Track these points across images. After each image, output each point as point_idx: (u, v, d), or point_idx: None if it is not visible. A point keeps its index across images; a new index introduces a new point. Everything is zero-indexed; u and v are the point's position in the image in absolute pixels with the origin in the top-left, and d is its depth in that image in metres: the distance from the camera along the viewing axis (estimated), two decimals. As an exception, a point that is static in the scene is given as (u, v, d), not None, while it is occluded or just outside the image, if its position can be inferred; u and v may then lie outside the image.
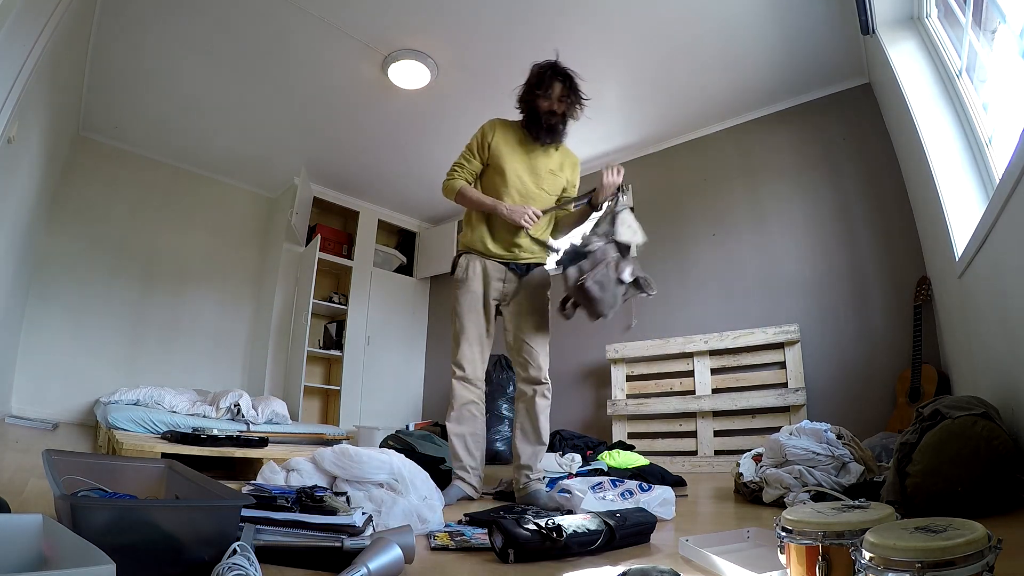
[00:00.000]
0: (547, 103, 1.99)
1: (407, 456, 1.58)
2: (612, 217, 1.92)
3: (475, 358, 2.07)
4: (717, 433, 3.25)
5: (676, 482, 2.28)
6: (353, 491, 1.36)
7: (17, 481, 1.60)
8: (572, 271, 1.88)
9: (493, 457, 3.58)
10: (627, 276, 1.86)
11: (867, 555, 0.63)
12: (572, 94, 1.99)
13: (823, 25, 2.84)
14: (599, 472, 2.37)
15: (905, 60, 2.34)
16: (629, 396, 3.61)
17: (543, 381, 2.04)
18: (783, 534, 0.81)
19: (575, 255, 1.91)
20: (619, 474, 2.30)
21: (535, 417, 2.01)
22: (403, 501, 1.35)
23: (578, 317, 1.98)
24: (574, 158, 2.22)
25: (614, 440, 3.33)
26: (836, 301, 3.08)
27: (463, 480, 2.02)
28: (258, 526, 1.02)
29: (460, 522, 1.41)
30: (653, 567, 0.82)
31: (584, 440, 3.04)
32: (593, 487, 1.72)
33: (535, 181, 2.08)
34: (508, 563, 1.10)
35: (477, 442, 2.07)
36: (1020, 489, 1.30)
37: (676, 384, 3.47)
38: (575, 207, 2.14)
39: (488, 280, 2.08)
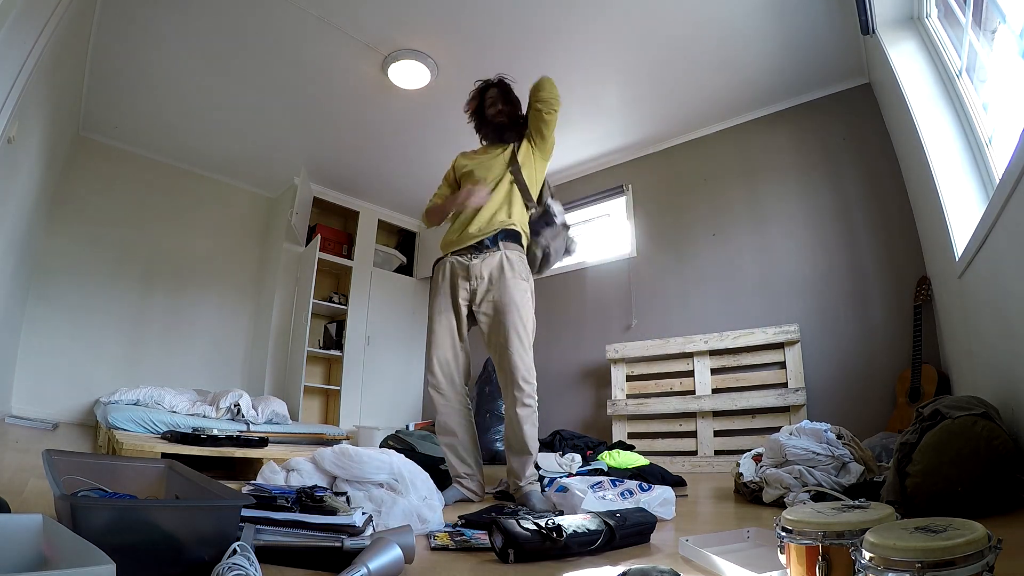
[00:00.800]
0: (491, 110, 2.23)
1: (407, 456, 1.58)
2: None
3: (448, 363, 2.05)
4: (717, 433, 3.25)
5: (676, 482, 2.28)
6: (353, 491, 1.36)
7: (17, 481, 1.60)
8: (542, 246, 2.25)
9: (493, 457, 3.58)
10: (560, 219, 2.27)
11: (867, 555, 0.63)
12: (506, 97, 2.24)
13: (823, 25, 2.84)
14: (599, 472, 2.37)
15: (905, 60, 2.34)
16: (629, 396, 3.61)
17: (520, 387, 1.93)
18: (783, 534, 0.81)
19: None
20: (619, 474, 2.30)
21: (516, 427, 1.94)
22: (403, 501, 1.35)
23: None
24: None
25: (614, 440, 3.33)
26: (836, 301, 3.08)
27: (461, 485, 2.02)
28: (258, 526, 1.02)
29: (456, 525, 1.41)
30: (653, 567, 0.82)
31: (584, 440, 3.03)
32: (593, 487, 1.72)
33: (484, 173, 2.17)
34: (508, 563, 1.10)
35: (467, 448, 2.05)
36: (1020, 489, 1.30)
37: (676, 384, 3.47)
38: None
39: (455, 280, 2.07)
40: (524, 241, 2.14)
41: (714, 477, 2.84)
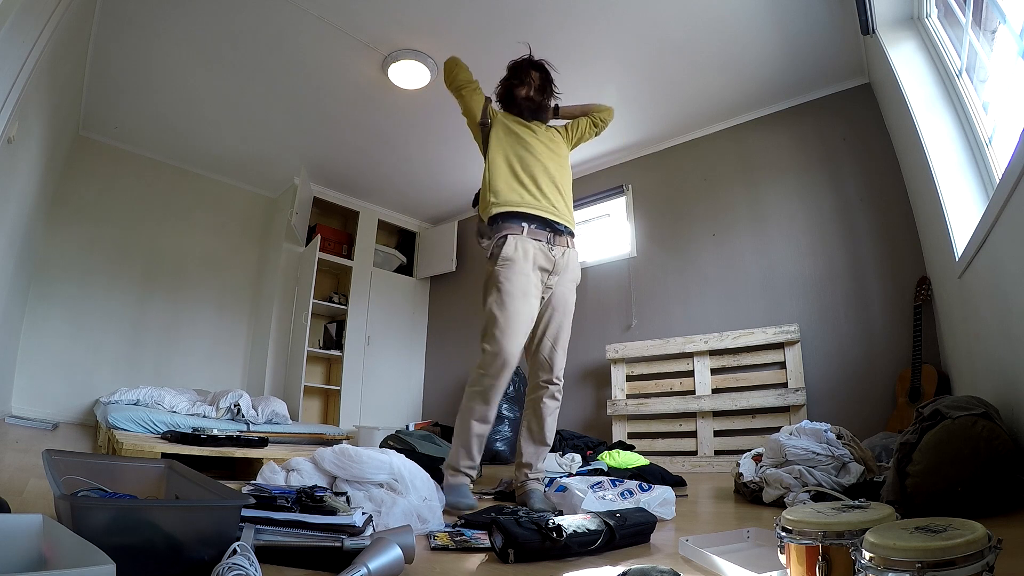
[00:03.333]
0: (524, 89, 2.07)
1: (407, 456, 1.58)
2: None
3: (515, 355, 1.84)
4: (717, 433, 3.25)
5: (676, 482, 2.28)
6: (353, 491, 1.36)
7: (17, 481, 1.60)
8: None
9: (493, 457, 3.58)
10: None
11: (867, 555, 0.63)
12: (548, 84, 2.10)
13: (823, 25, 2.84)
14: (599, 472, 2.37)
15: (905, 60, 2.34)
16: (629, 396, 3.61)
17: (555, 381, 1.99)
18: (783, 534, 0.81)
19: None
20: (619, 474, 2.30)
21: (542, 417, 1.98)
22: (403, 501, 1.35)
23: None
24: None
25: (614, 440, 3.33)
26: (836, 301, 3.08)
27: (461, 474, 1.88)
28: (258, 526, 1.02)
29: (456, 525, 1.41)
30: (653, 567, 0.82)
31: (584, 440, 3.04)
32: (593, 487, 1.72)
33: (539, 144, 2.06)
34: (508, 563, 1.10)
35: (482, 445, 1.94)
36: (1020, 489, 1.30)
37: (676, 384, 3.46)
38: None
39: (540, 268, 1.91)
40: None
41: (714, 477, 2.84)
